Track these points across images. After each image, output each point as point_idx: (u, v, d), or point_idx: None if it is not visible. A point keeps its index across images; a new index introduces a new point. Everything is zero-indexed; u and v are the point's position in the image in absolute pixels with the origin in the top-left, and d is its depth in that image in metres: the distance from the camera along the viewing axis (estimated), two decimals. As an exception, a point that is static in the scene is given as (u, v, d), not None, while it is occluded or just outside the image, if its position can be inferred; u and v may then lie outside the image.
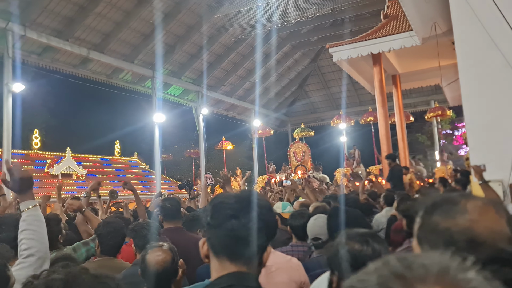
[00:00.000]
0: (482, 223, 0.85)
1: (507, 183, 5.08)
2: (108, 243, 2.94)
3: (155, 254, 2.23)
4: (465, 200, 0.90)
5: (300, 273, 2.55)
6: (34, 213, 1.73)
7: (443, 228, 0.87)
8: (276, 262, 2.47)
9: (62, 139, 16.18)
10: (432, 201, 0.93)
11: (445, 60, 10.11)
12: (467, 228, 0.84)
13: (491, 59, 5.30)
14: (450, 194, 0.94)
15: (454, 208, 0.88)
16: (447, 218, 0.88)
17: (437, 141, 22.65)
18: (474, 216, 0.86)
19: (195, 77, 18.96)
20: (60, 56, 14.57)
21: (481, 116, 5.44)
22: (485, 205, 0.88)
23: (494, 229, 0.84)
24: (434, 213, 0.90)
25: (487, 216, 0.86)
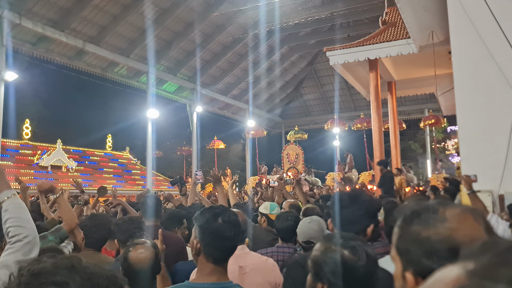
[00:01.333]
0: (462, 231, 0.84)
1: (496, 194, 5.10)
2: (92, 236, 2.92)
3: (138, 252, 2.18)
4: (444, 208, 0.88)
5: (276, 274, 2.53)
6: (15, 201, 1.73)
7: (424, 237, 0.85)
8: (251, 262, 2.47)
9: (53, 130, 16.02)
10: (410, 210, 0.92)
11: (440, 69, 10.14)
12: (447, 237, 0.83)
13: (487, 70, 5.31)
14: (428, 203, 0.93)
15: (434, 217, 0.87)
16: (427, 227, 0.86)
17: (429, 150, 22.76)
18: (453, 224, 0.85)
19: (191, 75, 18.87)
20: (55, 46, 14.43)
21: (474, 126, 5.45)
22: (463, 213, 0.87)
23: (474, 236, 0.82)
24: (414, 222, 0.89)
25: (466, 224, 0.85)
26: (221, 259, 1.76)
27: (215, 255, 1.74)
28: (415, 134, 25.97)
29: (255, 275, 2.43)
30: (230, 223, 1.76)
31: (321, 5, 16.58)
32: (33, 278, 0.77)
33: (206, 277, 1.75)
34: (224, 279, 1.76)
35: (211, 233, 1.73)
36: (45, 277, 0.76)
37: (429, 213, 0.89)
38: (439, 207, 0.89)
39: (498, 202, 5.08)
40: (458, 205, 0.92)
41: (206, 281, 1.73)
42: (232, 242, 1.77)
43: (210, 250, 1.74)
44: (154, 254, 2.20)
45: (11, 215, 1.70)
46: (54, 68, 15.08)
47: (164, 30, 15.95)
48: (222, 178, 4.72)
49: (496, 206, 5.06)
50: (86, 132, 16.96)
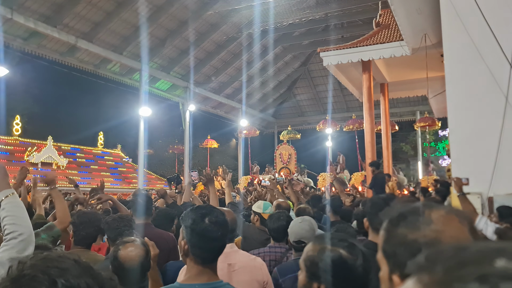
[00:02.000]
0: (447, 233, 0.84)
1: (486, 196, 5.15)
2: (80, 233, 2.90)
3: (128, 250, 2.16)
4: (429, 211, 0.89)
5: (263, 272, 2.55)
6: (13, 200, 1.77)
7: (410, 240, 0.85)
8: (240, 260, 2.49)
9: (44, 127, 15.86)
10: (397, 212, 0.92)
11: (433, 72, 10.21)
12: (434, 239, 0.84)
13: (478, 74, 5.36)
14: (414, 205, 0.93)
15: (420, 219, 0.87)
16: (414, 230, 0.86)
17: (420, 152, 22.93)
18: (439, 226, 0.85)
19: (184, 73, 18.81)
20: (47, 42, 14.29)
21: (465, 129, 5.50)
22: (448, 215, 0.88)
23: (459, 238, 0.83)
24: (400, 225, 0.89)
25: (451, 226, 0.86)
26: (209, 260, 1.76)
27: (202, 256, 1.74)
28: (407, 136, 26.13)
29: (243, 273, 2.44)
30: (217, 224, 1.75)
31: (315, 5, 16.61)
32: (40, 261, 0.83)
33: (196, 277, 1.74)
34: (214, 278, 1.76)
35: (197, 234, 1.73)
36: (51, 262, 0.83)
37: (415, 215, 0.89)
38: (424, 209, 0.90)
39: (487, 204, 5.13)
40: (443, 207, 0.92)
41: (197, 282, 1.73)
42: (219, 242, 1.76)
43: (198, 251, 1.73)
44: (144, 252, 2.19)
45: (8, 214, 1.73)
46: (45, 64, 14.94)
47: (158, 27, 15.87)
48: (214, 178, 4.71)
49: (485, 208, 5.11)
50: (78, 129, 16.83)
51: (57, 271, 0.81)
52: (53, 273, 0.81)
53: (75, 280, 0.81)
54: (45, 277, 0.80)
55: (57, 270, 0.81)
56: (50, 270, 0.81)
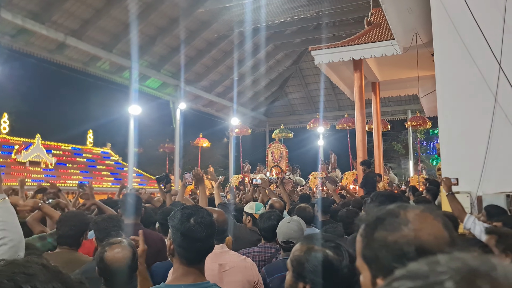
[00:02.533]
0: (425, 231, 0.86)
1: (475, 195, 5.18)
2: (66, 234, 2.88)
3: (114, 252, 2.13)
4: (404, 211, 0.91)
5: (254, 273, 2.55)
6: (4, 206, 1.75)
7: (391, 241, 0.87)
8: (231, 261, 2.49)
9: (32, 125, 15.66)
10: (373, 217, 0.93)
11: (423, 71, 10.25)
12: (413, 238, 0.85)
13: (468, 74, 5.38)
14: (388, 207, 0.94)
15: (397, 220, 0.89)
16: (393, 231, 0.88)
17: (411, 150, 23.05)
18: (417, 225, 0.87)
19: (175, 71, 18.68)
20: (35, 39, 14.09)
21: (455, 128, 5.53)
22: (423, 213, 0.90)
23: (436, 234, 0.86)
24: (378, 228, 0.90)
25: (427, 223, 0.88)
26: (195, 260, 1.74)
27: (187, 256, 1.72)
28: (398, 135, 26.26)
29: (234, 273, 2.44)
30: (202, 224, 1.73)
31: (307, 4, 16.58)
32: (6, 267, 0.82)
33: (182, 278, 1.72)
34: (201, 279, 1.74)
35: (182, 234, 1.71)
36: (18, 268, 0.82)
37: (392, 217, 0.90)
38: (400, 210, 0.91)
39: (476, 203, 5.16)
40: (416, 206, 0.93)
41: (183, 282, 1.71)
42: (204, 243, 1.73)
43: (182, 251, 1.72)
44: (131, 253, 2.15)
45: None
46: (34, 61, 14.74)
47: (148, 25, 15.72)
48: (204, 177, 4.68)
49: (475, 208, 5.14)
50: (66, 127, 16.66)
51: (23, 277, 0.79)
52: (19, 279, 0.79)
53: (43, 285, 0.80)
54: (11, 284, 0.78)
55: (23, 276, 0.80)
56: (16, 276, 0.79)
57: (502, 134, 5.13)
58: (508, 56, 5.05)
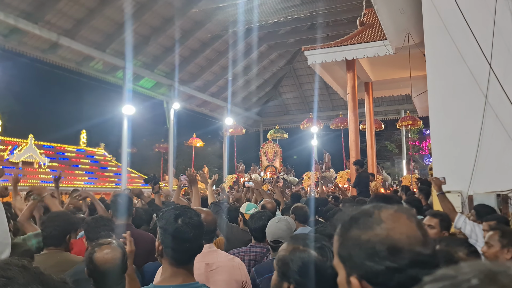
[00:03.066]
0: (397, 230, 0.88)
1: (466, 195, 5.20)
2: (50, 234, 2.87)
3: (104, 252, 2.13)
4: (378, 211, 0.92)
5: (242, 272, 2.55)
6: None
7: (364, 240, 0.88)
8: (218, 260, 2.49)
9: (25, 125, 15.56)
10: (348, 216, 0.95)
11: (416, 71, 10.29)
12: (386, 237, 0.87)
13: (459, 74, 5.42)
14: (363, 207, 0.96)
15: (370, 220, 0.90)
16: (366, 230, 0.89)
17: (405, 150, 23.15)
18: (389, 225, 0.89)
19: (169, 71, 18.63)
20: (28, 39, 14.01)
21: (446, 128, 5.55)
22: (396, 213, 0.92)
23: (409, 234, 0.87)
24: (352, 228, 0.92)
25: (400, 223, 0.89)
26: (183, 261, 1.74)
27: (175, 257, 1.72)
28: (392, 134, 26.35)
29: (221, 272, 2.44)
30: (189, 225, 1.72)
31: (300, 4, 16.62)
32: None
33: (171, 279, 1.72)
34: (189, 280, 1.74)
35: (170, 235, 1.71)
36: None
37: (366, 217, 0.91)
38: (374, 210, 0.93)
39: (467, 202, 5.19)
40: (391, 206, 0.95)
41: (171, 283, 1.71)
42: (192, 243, 1.73)
43: (170, 252, 1.72)
44: (120, 254, 2.15)
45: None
46: (27, 61, 14.65)
47: (141, 25, 15.67)
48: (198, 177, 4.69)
49: (465, 207, 5.17)
50: (60, 127, 16.55)
51: (2, 281, 0.78)
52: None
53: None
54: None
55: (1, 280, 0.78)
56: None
57: (493, 133, 5.17)
58: (498, 57, 5.09)
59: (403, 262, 0.83)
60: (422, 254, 0.85)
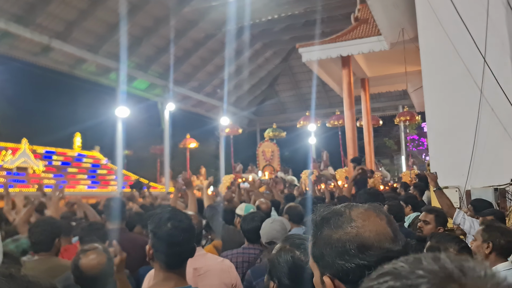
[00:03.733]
0: (367, 228, 0.90)
1: (463, 190, 5.19)
2: (38, 240, 2.90)
3: (89, 258, 2.13)
4: (349, 210, 0.95)
5: (232, 275, 2.54)
6: None
7: (335, 239, 0.91)
8: (206, 264, 2.47)
9: (18, 129, 15.46)
10: (319, 217, 0.97)
11: (411, 66, 10.24)
12: (355, 235, 0.90)
13: (454, 68, 5.37)
14: (335, 207, 0.98)
15: (341, 219, 0.93)
16: (337, 229, 0.92)
17: (403, 146, 23.10)
18: (359, 223, 0.91)
19: (162, 71, 18.52)
20: (19, 43, 13.90)
21: (442, 123, 5.52)
22: (366, 211, 0.94)
23: (378, 231, 0.90)
24: (324, 228, 0.94)
25: (370, 221, 0.92)
26: (174, 265, 1.72)
27: (166, 261, 1.71)
28: (390, 130, 26.29)
29: (210, 276, 2.42)
30: (179, 228, 1.72)
31: (294, 1, 16.52)
32: None
33: (162, 283, 1.70)
34: (182, 284, 1.73)
35: (159, 239, 1.71)
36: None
37: (336, 216, 0.94)
38: (345, 209, 0.96)
39: (465, 197, 5.15)
40: (361, 205, 0.97)
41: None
42: (182, 247, 1.72)
43: (161, 256, 1.71)
44: (106, 259, 2.14)
45: None
46: (19, 65, 14.53)
47: (134, 25, 15.56)
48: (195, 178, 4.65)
49: (463, 202, 5.13)
50: (53, 131, 16.42)
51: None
52: None
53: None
54: None
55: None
56: None
57: (489, 127, 5.13)
58: (492, 50, 5.04)
59: (372, 259, 0.85)
60: (392, 250, 0.87)
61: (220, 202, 6.61)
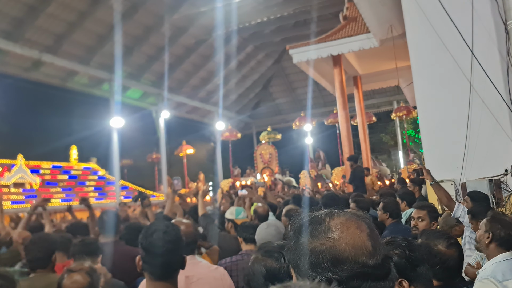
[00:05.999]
0: (343, 240, 0.85)
1: (459, 183, 5.19)
2: (36, 257, 2.88)
3: (71, 280, 2.13)
4: (329, 218, 0.90)
5: (225, 282, 2.52)
6: None
7: (310, 249, 0.87)
8: (198, 272, 2.45)
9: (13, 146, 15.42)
10: (299, 223, 0.92)
11: (402, 62, 10.26)
12: (330, 247, 0.85)
13: (443, 62, 5.38)
14: (316, 213, 0.93)
15: (319, 228, 0.88)
16: (313, 239, 0.88)
17: (400, 141, 23.12)
18: (336, 234, 0.86)
19: (155, 79, 18.51)
20: (9, 59, 13.87)
21: (434, 117, 5.52)
22: (347, 221, 0.89)
23: (355, 244, 0.85)
24: (302, 235, 0.90)
25: (348, 233, 0.87)
26: (162, 275, 1.73)
27: (153, 272, 1.73)
28: (386, 126, 26.32)
29: (202, 285, 2.40)
30: (163, 239, 1.73)
31: (283, 2, 16.55)
32: None
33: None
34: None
35: (144, 250, 1.74)
36: None
37: (315, 224, 0.90)
38: (325, 217, 0.90)
39: (460, 190, 5.16)
40: (345, 213, 0.92)
41: None
42: (168, 257, 1.73)
43: (147, 267, 1.73)
44: (87, 282, 2.13)
45: None
46: (10, 81, 14.51)
47: (123, 35, 15.53)
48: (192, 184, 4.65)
49: (459, 195, 5.13)
50: (49, 145, 16.40)
51: None
52: None
53: None
54: None
55: None
56: None
57: (480, 119, 5.13)
58: (479, 43, 5.06)
59: (344, 274, 0.81)
60: (366, 265, 0.83)
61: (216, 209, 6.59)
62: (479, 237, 2.59)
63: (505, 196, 4.85)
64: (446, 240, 1.99)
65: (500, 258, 2.43)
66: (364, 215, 0.94)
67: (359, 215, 0.93)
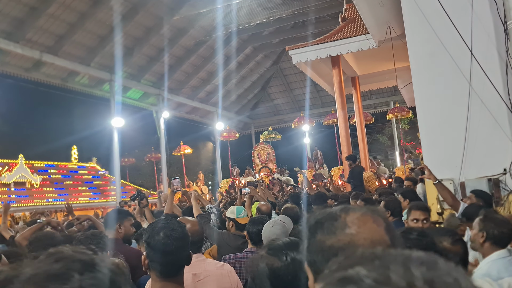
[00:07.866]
0: (361, 235, 0.84)
1: (458, 182, 5.23)
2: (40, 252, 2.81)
3: None
4: (345, 214, 0.88)
5: (232, 279, 2.52)
6: None
7: (327, 246, 0.85)
8: (206, 269, 2.45)
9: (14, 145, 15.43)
10: (313, 220, 0.91)
11: (400, 63, 10.34)
12: (348, 243, 0.84)
13: (442, 63, 5.44)
14: (331, 210, 0.93)
15: (335, 224, 0.87)
16: (330, 235, 0.86)
17: (397, 141, 23.23)
18: (353, 229, 0.85)
19: (155, 80, 18.57)
20: (10, 59, 13.89)
21: (433, 117, 5.57)
22: (362, 216, 0.88)
23: (373, 239, 0.83)
24: (317, 232, 0.88)
25: (365, 228, 0.85)
26: (170, 273, 1.73)
27: (161, 270, 1.72)
28: (383, 127, 26.42)
29: (209, 282, 2.41)
30: (171, 237, 1.73)
31: (281, 4, 16.65)
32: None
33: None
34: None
35: (152, 248, 1.73)
36: None
37: (331, 221, 0.88)
38: (341, 213, 0.89)
39: (459, 189, 5.22)
40: (359, 208, 0.92)
41: None
42: (176, 256, 1.73)
43: (155, 265, 1.72)
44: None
45: None
46: (11, 81, 14.54)
47: (124, 36, 15.60)
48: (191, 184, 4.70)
49: (458, 193, 5.19)
50: (49, 145, 16.43)
51: None
52: None
53: None
54: None
55: None
56: None
57: (479, 119, 5.20)
58: (478, 43, 5.13)
59: None
60: None
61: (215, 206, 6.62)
62: (473, 237, 2.60)
63: (503, 195, 4.91)
64: (451, 237, 2.01)
65: (494, 257, 2.46)
66: (378, 209, 0.93)
67: (374, 209, 0.91)
